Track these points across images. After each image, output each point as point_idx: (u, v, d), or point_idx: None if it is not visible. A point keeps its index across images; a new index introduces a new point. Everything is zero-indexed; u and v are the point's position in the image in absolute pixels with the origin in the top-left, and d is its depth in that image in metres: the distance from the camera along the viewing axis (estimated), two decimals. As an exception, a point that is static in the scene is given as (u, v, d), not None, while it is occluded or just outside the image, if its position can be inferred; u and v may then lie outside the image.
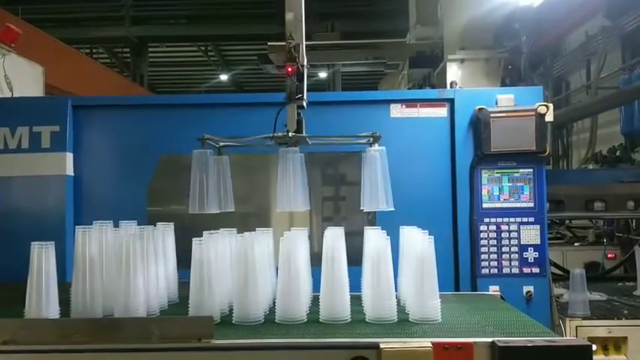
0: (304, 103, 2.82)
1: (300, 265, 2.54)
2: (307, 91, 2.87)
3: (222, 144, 3.07)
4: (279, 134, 2.81)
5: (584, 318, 3.51)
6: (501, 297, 3.18)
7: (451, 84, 4.29)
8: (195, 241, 2.51)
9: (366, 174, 2.86)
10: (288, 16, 2.81)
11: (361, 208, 2.85)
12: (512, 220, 3.40)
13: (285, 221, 3.62)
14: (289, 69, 2.77)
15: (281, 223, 3.46)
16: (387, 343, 2.09)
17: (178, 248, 3.01)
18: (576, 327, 3.48)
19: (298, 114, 2.83)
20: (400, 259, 2.83)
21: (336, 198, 3.74)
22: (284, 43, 2.81)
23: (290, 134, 2.80)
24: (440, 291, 2.52)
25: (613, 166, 6.88)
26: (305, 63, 2.82)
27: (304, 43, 2.83)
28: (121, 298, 2.46)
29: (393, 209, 2.71)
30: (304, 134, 2.87)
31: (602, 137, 8.42)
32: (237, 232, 2.76)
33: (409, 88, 7.76)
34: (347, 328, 2.39)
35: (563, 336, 3.15)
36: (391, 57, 8.49)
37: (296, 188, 2.82)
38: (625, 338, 3.48)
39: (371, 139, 2.93)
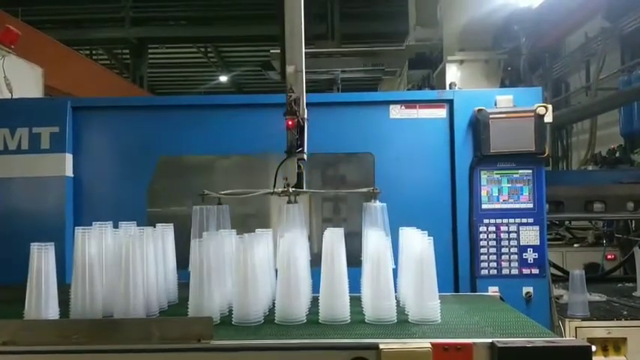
0: (304, 156, 2.82)
1: (299, 266, 2.55)
2: (306, 92, 2.87)
3: (222, 193, 3.02)
4: (279, 190, 2.80)
5: (584, 319, 3.51)
6: (501, 298, 3.18)
7: (450, 85, 4.28)
8: (194, 241, 2.51)
9: (367, 227, 2.78)
10: (289, 69, 2.83)
11: (361, 259, 2.78)
12: (511, 221, 3.41)
13: None
14: (289, 122, 2.77)
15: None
16: (386, 344, 2.09)
17: (177, 249, 3.01)
18: (576, 328, 3.49)
19: (299, 167, 2.82)
20: (400, 260, 2.83)
21: (335, 199, 3.74)
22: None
23: (290, 189, 2.79)
24: (439, 292, 2.52)
25: (612, 167, 6.87)
26: (305, 116, 2.82)
27: (305, 96, 2.84)
28: (120, 299, 2.46)
29: (394, 266, 2.66)
30: (304, 188, 2.86)
31: (601, 138, 8.42)
32: (237, 233, 2.76)
33: (408, 89, 7.76)
34: (346, 329, 2.39)
35: (562, 337, 3.16)
36: (389, 64, 8.57)
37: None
38: (624, 339, 3.48)
39: (372, 193, 2.89)
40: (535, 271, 3.37)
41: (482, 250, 3.39)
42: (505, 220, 3.41)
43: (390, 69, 8.70)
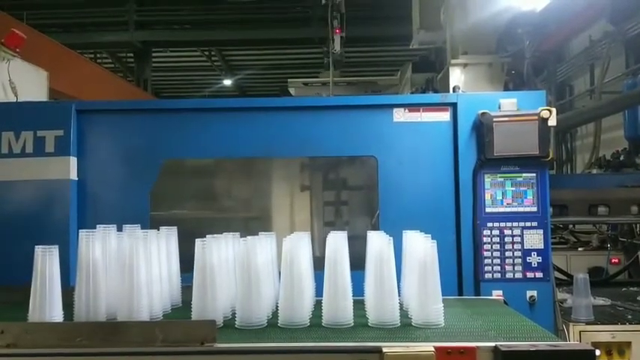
0: None
1: (302, 269, 2.54)
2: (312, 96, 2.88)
3: None
4: None
5: (588, 323, 3.50)
6: (504, 301, 3.17)
7: (454, 88, 4.28)
8: (198, 243, 2.52)
9: (370, 262, 2.66)
10: None
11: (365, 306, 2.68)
12: (515, 224, 3.39)
13: (286, 226, 3.63)
14: None
15: (282, 228, 3.46)
16: (389, 348, 2.09)
17: (181, 252, 3.01)
18: (580, 332, 3.47)
19: None
20: (403, 263, 2.83)
21: (337, 202, 3.74)
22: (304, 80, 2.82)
23: None
24: (443, 295, 2.52)
25: (617, 171, 6.86)
26: None
27: None
28: (124, 302, 2.47)
29: (398, 302, 2.58)
30: None
31: (605, 142, 8.41)
32: (240, 236, 2.76)
33: (412, 93, 7.77)
34: (350, 333, 2.39)
35: (566, 341, 3.15)
36: (386, 91, 8.93)
37: None
38: (629, 343, 3.47)
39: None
40: (539, 274, 3.36)
41: (485, 254, 3.38)
42: (509, 224, 3.39)
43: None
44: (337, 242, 2.52)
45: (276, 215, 3.78)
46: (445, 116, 3.51)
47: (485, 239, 3.38)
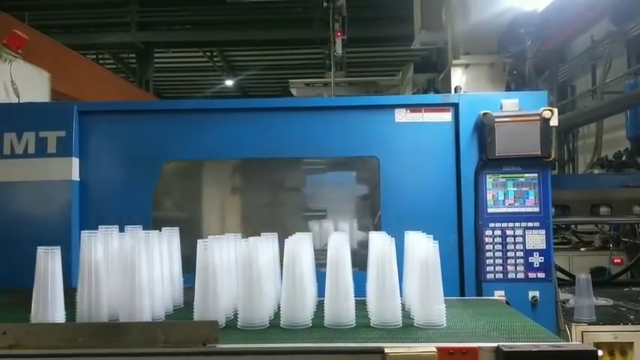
0: None
1: (304, 270, 2.54)
2: (313, 97, 2.88)
3: None
4: None
5: (590, 323, 3.49)
6: (506, 302, 3.17)
7: (455, 89, 4.28)
8: (200, 243, 2.52)
9: (372, 262, 2.65)
10: None
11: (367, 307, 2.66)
12: (517, 224, 3.39)
13: (215, 228, 3.62)
14: None
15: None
16: (391, 348, 2.09)
17: (182, 253, 3.01)
18: (582, 332, 3.47)
19: None
20: (405, 264, 2.83)
21: (274, 204, 3.74)
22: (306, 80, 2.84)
23: None
24: (445, 296, 2.51)
25: (619, 171, 6.86)
26: None
27: None
28: (126, 303, 2.47)
29: (400, 303, 2.57)
30: None
31: (607, 142, 8.41)
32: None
33: (414, 93, 7.77)
34: (352, 333, 2.39)
35: (568, 341, 3.14)
36: (387, 91, 8.99)
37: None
38: (631, 344, 3.46)
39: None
40: (541, 275, 3.36)
41: (487, 254, 3.37)
42: (511, 224, 3.39)
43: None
44: (339, 243, 2.52)
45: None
46: (447, 117, 3.50)
47: (487, 240, 3.38)
